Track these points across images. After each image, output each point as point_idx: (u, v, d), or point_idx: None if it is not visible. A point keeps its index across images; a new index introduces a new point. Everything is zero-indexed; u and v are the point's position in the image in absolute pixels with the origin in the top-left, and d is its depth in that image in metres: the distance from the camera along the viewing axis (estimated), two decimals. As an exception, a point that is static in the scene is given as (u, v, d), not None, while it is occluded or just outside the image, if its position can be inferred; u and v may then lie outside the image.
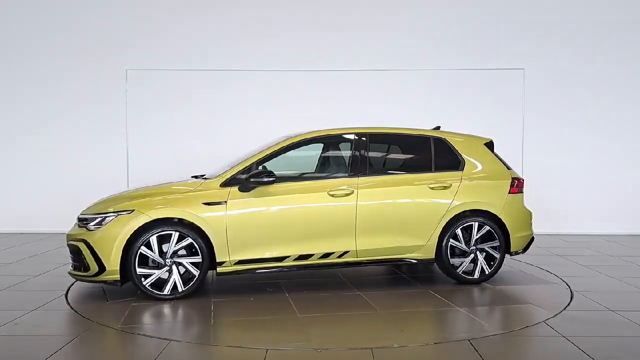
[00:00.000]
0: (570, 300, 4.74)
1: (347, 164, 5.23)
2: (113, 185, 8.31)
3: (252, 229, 4.78)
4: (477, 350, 3.54)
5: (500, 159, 5.66)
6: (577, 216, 8.61)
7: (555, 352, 3.57)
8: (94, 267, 4.58)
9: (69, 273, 4.89)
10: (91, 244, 4.58)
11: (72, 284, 5.20)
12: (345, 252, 4.99)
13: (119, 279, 4.58)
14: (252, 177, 4.78)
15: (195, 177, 5.43)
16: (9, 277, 5.53)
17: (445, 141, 5.46)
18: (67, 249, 4.90)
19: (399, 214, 5.11)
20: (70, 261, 4.88)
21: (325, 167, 5.56)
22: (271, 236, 4.83)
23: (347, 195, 4.98)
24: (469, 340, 3.73)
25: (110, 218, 4.61)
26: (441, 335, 4.01)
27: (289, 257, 4.87)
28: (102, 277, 4.59)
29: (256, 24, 8.69)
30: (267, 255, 4.82)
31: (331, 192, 4.97)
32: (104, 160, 8.63)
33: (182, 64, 8.65)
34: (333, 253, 4.97)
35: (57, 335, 3.87)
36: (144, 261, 4.63)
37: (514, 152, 8.70)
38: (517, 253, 5.50)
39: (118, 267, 4.55)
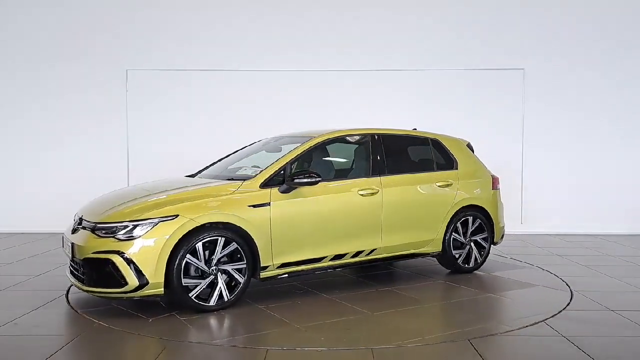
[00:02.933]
0: (570, 300, 4.74)
1: (369, 164, 5.30)
2: (113, 186, 8.31)
3: (293, 231, 4.66)
4: (477, 350, 3.54)
5: (478, 159, 6.19)
6: (577, 216, 8.61)
7: (555, 352, 3.57)
8: (133, 282, 4.05)
9: (86, 290, 4.27)
10: (129, 255, 4.04)
11: (72, 284, 5.19)
12: (373, 250, 5.15)
13: (163, 292, 4.15)
14: (296, 178, 4.62)
15: (190, 176, 5.41)
16: (9, 277, 5.53)
17: (440, 142, 5.91)
18: (81, 264, 4.24)
19: (415, 211, 5.43)
20: (84, 277, 4.25)
21: (350, 167, 5.57)
22: (310, 237, 4.77)
23: (373, 194, 5.11)
24: (468, 340, 3.73)
25: (150, 225, 4.13)
26: (524, 319, 4.17)
27: (325, 257, 4.86)
28: (144, 292, 4.09)
29: (256, 24, 8.69)
30: (306, 256, 4.76)
31: (360, 192, 5.06)
32: (104, 160, 8.62)
33: (182, 64, 8.65)
34: (363, 251, 5.09)
35: (57, 335, 3.87)
36: (186, 270, 4.22)
37: (514, 152, 8.72)
38: (497, 243, 6.07)
39: (163, 280, 4.11)
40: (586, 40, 8.64)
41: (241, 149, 5.92)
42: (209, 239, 4.27)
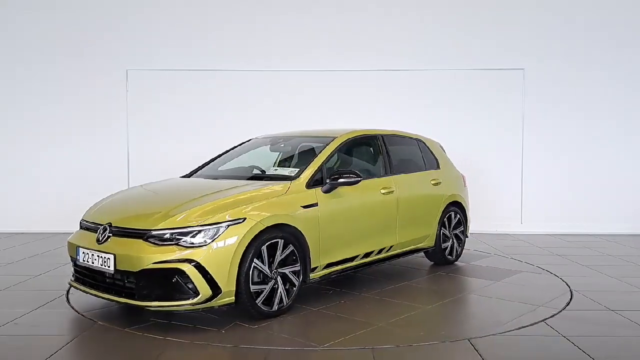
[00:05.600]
0: (570, 300, 4.74)
1: (383, 163, 5.45)
2: (113, 185, 8.28)
3: (335, 231, 4.65)
4: (477, 350, 3.54)
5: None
6: (577, 216, 8.61)
7: (555, 352, 3.57)
8: (206, 292, 3.77)
9: (142, 306, 3.83)
10: (202, 263, 3.75)
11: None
12: (391, 247, 5.32)
13: (234, 300, 3.93)
14: (340, 178, 4.60)
15: (185, 176, 5.36)
16: (9, 277, 5.53)
17: (424, 143, 6.22)
18: (132, 277, 3.81)
19: (419, 208, 5.69)
20: (137, 291, 3.81)
21: (369, 166, 5.62)
22: (348, 236, 4.80)
23: (390, 192, 5.27)
24: (468, 340, 3.73)
25: (220, 229, 3.86)
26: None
27: (358, 255, 4.93)
28: (216, 301, 3.84)
29: (256, 24, 8.69)
30: (344, 256, 4.77)
31: (382, 191, 5.18)
32: (104, 160, 8.62)
33: (182, 64, 8.65)
34: (384, 248, 5.23)
35: (57, 335, 3.86)
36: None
37: (514, 152, 8.71)
38: (467, 236, 6.53)
39: (234, 287, 3.89)
40: (586, 40, 8.63)
41: (231, 149, 5.82)
42: (272, 241, 4.11)
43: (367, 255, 5.03)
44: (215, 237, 3.84)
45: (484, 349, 3.58)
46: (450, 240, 6.13)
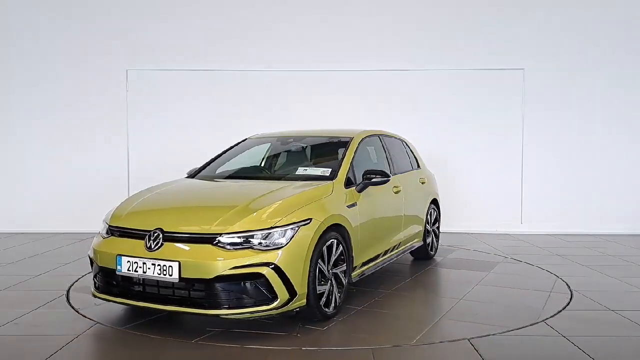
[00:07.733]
0: (570, 300, 4.74)
1: (387, 163, 5.55)
2: (114, 185, 8.30)
3: (369, 230, 4.68)
4: (477, 350, 3.54)
5: None
6: (577, 216, 8.61)
7: (555, 352, 3.57)
8: (284, 295, 3.63)
9: (219, 315, 3.58)
10: (280, 265, 3.60)
11: (73, 284, 5.19)
12: (399, 243, 5.46)
13: (305, 303, 3.81)
14: (373, 177, 4.69)
15: (190, 177, 5.30)
16: (9, 277, 5.52)
17: (406, 143, 6.42)
18: (205, 285, 3.56)
19: (415, 206, 5.90)
20: (210, 299, 3.57)
21: (380, 165, 5.61)
22: (375, 235, 4.87)
23: (399, 191, 5.42)
24: (468, 340, 3.73)
25: (292, 230, 3.74)
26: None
27: (379, 254, 4.99)
28: (291, 305, 3.70)
29: (256, 24, 8.69)
30: (371, 255, 4.82)
31: (393, 189, 5.32)
32: (104, 160, 8.61)
33: (182, 64, 8.65)
34: (395, 246, 5.36)
35: (57, 335, 3.86)
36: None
37: (514, 152, 8.71)
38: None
39: (306, 289, 3.78)
40: (586, 40, 8.63)
41: (230, 149, 5.71)
42: (330, 241, 4.06)
43: (385, 253, 5.12)
44: (289, 238, 3.71)
45: (484, 349, 3.58)
46: (431, 236, 6.39)
